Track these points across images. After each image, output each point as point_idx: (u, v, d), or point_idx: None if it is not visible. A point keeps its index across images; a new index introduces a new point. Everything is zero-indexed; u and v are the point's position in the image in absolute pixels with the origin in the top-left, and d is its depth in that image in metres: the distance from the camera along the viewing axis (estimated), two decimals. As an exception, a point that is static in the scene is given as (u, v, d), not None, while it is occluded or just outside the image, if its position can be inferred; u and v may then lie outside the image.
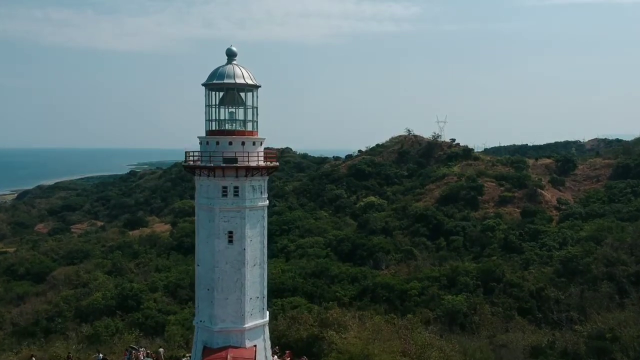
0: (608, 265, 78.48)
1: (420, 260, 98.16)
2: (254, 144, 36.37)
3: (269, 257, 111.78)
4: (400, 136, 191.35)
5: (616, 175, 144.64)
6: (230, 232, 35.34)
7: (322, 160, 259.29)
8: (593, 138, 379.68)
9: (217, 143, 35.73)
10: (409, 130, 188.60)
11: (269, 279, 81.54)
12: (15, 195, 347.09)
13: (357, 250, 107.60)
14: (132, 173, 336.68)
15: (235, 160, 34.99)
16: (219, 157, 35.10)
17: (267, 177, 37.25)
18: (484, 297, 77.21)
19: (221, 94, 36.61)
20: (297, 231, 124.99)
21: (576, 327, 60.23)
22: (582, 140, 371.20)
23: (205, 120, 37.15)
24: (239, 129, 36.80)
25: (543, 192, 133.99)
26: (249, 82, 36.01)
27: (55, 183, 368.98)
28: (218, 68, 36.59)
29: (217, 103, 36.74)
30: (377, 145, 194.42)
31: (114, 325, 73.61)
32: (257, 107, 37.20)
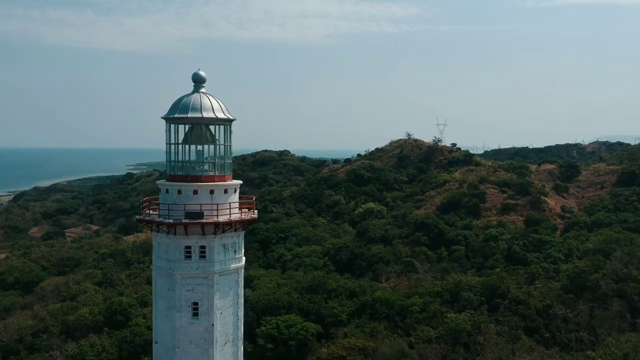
0: (618, 281, 75.16)
1: (421, 272, 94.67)
2: (225, 191, 30.43)
3: (266, 266, 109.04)
4: (399, 140, 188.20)
5: (621, 182, 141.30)
6: (195, 304, 29.41)
7: (321, 163, 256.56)
8: (594, 140, 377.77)
9: (179, 192, 29.69)
10: (409, 135, 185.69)
11: (263, 295, 78.82)
12: (12, 196, 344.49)
13: (355, 259, 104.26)
14: (128, 175, 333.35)
15: (200, 215, 29.07)
16: (181, 210, 29.16)
17: (244, 231, 31.43)
18: (488, 315, 73.75)
19: (187, 126, 30.76)
20: (294, 239, 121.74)
21: (588, 352, 56.75)
22: (582, 143, 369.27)
23: (166, 161, 30.98)
24: (208, 173, 30.69)
25: (547, 199, 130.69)
26: (220, 115, 30.11)
27: (52, 185, 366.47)
28: (182, 98, 30.35)
29: (180, 141, 30.75)
30: (377, 149, 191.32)
31: (100, 344, 70.51)
32: (230, 145, 31.15)
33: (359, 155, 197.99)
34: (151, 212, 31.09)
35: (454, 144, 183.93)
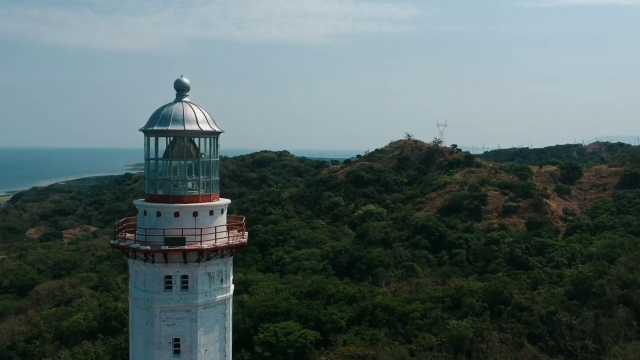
0: (623, 288, 73.60)
1: (422, 276, 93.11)
2: (211, 213, 27.28)
3: (264, 270, 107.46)
4: (399, 141, 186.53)
5: (624, 184, 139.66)
6: (177, 340, 26.46)
7: (320, 164, 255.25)
8: (594, 141, 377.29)
9: (159, 214, 26.55)
10: (408, 135, 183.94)
11: (261, 301, 77.22)
12: (10, 196, 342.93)
13: (355, 263, 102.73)
14: (127, 175, 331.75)
15: (182, 240, 25.88)
16: (160, 236, 25.98)
17: (232, 257, 28.19)
18: (491, 321, 72.20)
19: (169, 139, 27.59)
20: (293, 242, 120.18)
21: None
22: (583, 143, 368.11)
23: (145, 179, 27.68)
24: (191, 192, 27.50)
25: (549, 201, 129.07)
26: (205, 127, 27.10)
27: (50, 185, 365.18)
28: (162, 108, 27.20)
29: (160, 156, 27.62)
30: (376, 150, 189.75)
31: (94, 351, 68.92)
32: (217, 160, 28.15)
33: (358, 156, 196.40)
34: (128, 235, 27.95)
35: (455, 145, 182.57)
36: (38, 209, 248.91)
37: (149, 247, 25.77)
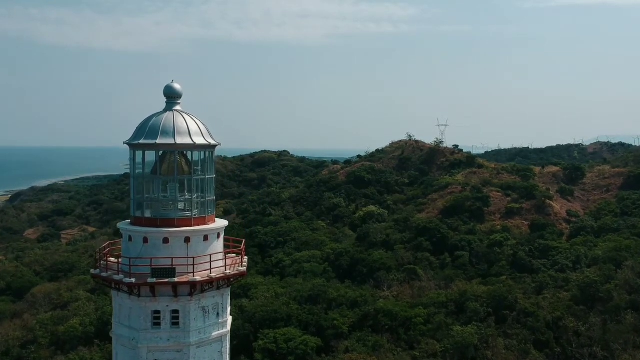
0: (631, 293, 72.07)
1: (424, 280, 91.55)
2: (205, 238, 24.13)
3: (264, 273, 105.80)
4: (400, 141, 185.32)
5: (627, 185, 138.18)
6: None
7: (320, 164, 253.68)
8: (595, 141, 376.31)
9: (145, 240, 23.44)
10: (410, 136, 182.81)
11: (261, 306, 75.58)
12: (9, 196, 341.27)
13: (356, 266, 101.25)
14: (126, 175, 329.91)
15: (171, 271, 22.68)
16: (147, 266, 22.91)
17: (230, 288, 25.11)
18: (496, 327, 70.63)
19: (158, 153, 24.44)
20: (293, 243, 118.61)
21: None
22: (583, 143, 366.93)
23: (131, 199, 24.56)
24: (183, 214, 24.26)
25: (552, 203, 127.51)
26: (199, 140, 24.06)
27: (49, 185, 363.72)
28: (150, 118, 24.12)
29: (147, 172, 24.61)
30: (377, 150, 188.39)
31: (90, 358, 67.48)
32: (213, 177, 25.00)
33: (359, 156, 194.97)
34: (112, 261, 24.76)
35: (456, 146, 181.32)
36: (36, 209, 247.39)
37: (133, 280, 22.66)
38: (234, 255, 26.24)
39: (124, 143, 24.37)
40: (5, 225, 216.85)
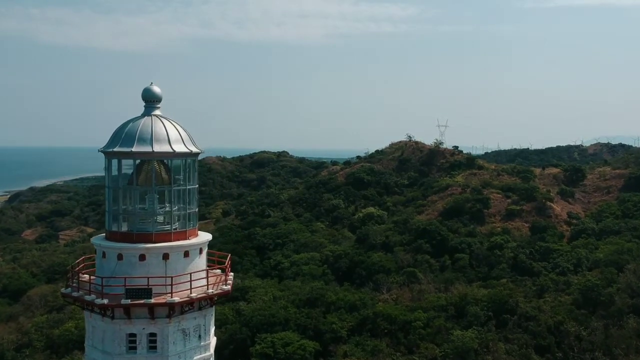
0: (633, 297, 71.15)
1: (424, 283, 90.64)
2: (186, 254, 22.38)
3: (262, 275, 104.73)
4: (400, 142, 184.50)
5: (628, 186, 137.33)
6: None
7: (320, 164, 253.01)
8: (594, 142, 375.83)
9: (120, 257, 21.90)
10: (409, 137, 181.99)
11: (258, 310, 74.60)
12: (8, 196, 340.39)
13: (355, 268, 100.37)
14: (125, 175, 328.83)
15: (147, 292, 20.99)
16: (120, 286, 21.34)
17: (213, 307, 23.54)
18: (496, 332, 69.71)
19: (136, 161, 22.69)
20: (291, 245, 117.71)
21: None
22: (583, 144, 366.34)
23: (106, 211, 23.30)
24: (162, 228, 22.51)
25: (553, 205, 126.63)
26: (179, 148, 22.35)
27: (48, 185, 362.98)
28: (127, 124, 22.52)
29: (123, 183, 23.16)
30: (377, 151, 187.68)
31: (85, 362, 66.27)
32: (195, 187, 23.28)
33: (358, 157, 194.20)
34: (85, 279, 23.13)
35: (456, 147, 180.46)
36: (34, 210, 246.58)
37: (105, 301, 21.08)
38: (218, 271, 24.53)
39: (99, 151, 22.97)
40: (3, 226, 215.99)
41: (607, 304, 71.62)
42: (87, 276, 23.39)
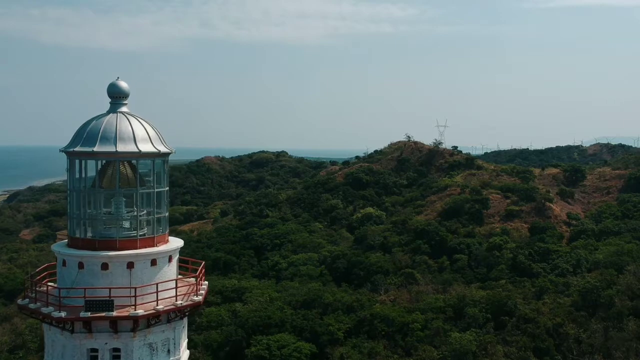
0: (633, 299, 70.38)
1: (422, 284, 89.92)
2: (154, 262, 20.84)
3: (260, 276, 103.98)
4: (399, 142, 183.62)
5: (628, 187, 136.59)
6: None
7: (318, 164, 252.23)
8: (594, 142, 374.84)
9: (81, 266, 20.30)
10: (408, 137, 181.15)
11: (254, 311, 73.82)
12: (6, 196, 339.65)
13: (353, 269, 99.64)
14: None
15: (108, 304, 19.42)
16: (80, 297, 19.75)
17: (185, 319, 21.93)
18: (495, 334, 68.93)
19: (99, 163, 21.08)
20: (289, 246, 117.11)
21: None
22: (583, 145, 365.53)
23: (68, 216, 21.45)
24: (128, 234, 20.97)
25: (552, 205, 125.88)
26: (145, 148, 20.79)
27: (46, 184, 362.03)
28: (90, 122, 20.97)
29: (88, 184, 21.39)
30: (375, 151, 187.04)
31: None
32: (166, 190, 21.64)
33: (357, 157, 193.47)
34: (44, 290, 21.46)
35: (455, 147, 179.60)
36: (32, 210, 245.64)
37: (63, 314, 19.59)
38: (193, 280, 23.02)
39: (60, 151, 21.50)
40: (0, 225, 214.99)
41: (606, 306, 70.82)
42: (46, 287, 22.00)
